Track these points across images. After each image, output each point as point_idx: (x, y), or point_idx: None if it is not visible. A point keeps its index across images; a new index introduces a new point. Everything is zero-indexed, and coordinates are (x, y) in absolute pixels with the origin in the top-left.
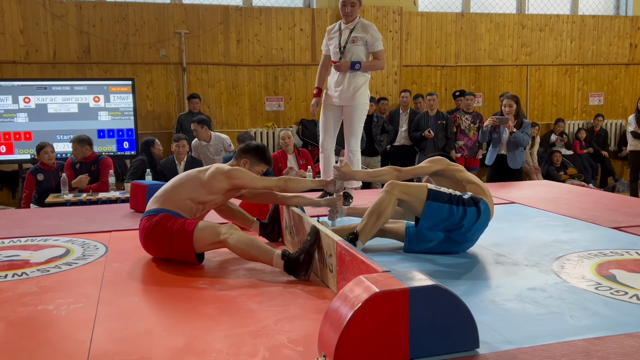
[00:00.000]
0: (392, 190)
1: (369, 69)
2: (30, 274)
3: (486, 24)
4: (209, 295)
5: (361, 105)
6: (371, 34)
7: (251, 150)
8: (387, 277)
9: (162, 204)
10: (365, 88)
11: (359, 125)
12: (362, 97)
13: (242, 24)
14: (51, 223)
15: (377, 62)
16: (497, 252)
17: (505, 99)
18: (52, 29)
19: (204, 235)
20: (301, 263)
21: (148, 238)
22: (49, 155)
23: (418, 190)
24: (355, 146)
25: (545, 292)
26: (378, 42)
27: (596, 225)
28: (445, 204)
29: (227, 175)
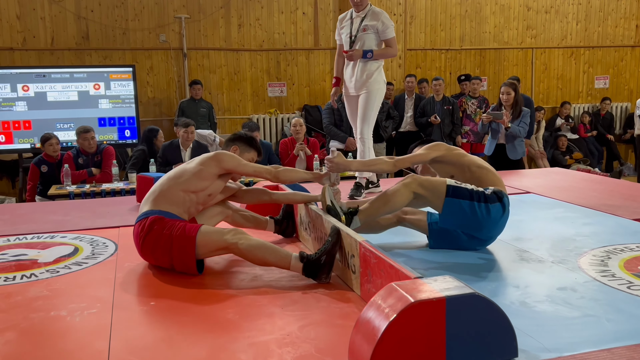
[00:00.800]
0: (411, 184)
1: (381, 57)
2: (40, 276)
3: (491, 6)
4: (227, 298)
5: (374, 92)
6: (382, 22)
7: (240, 137)
8: (421, 284)
9: (154, 204)
10: (379, 73)
11: (371, 112)
12: (376, 83)
13: (243, 8)
14: (57, 218)
15: (389, 50)
16: (520, 247)
17: (503, 86)
18: (49, 14)
19: (209, 240)
20: (323, 265)
21: (143, 245)
22: (54, 148)
23: (437, 186)
24: (367, 133)
25: (577, 292)
26: (389, 29)
27: (616, 216)
28: (465, 200)
29: (215, 158)
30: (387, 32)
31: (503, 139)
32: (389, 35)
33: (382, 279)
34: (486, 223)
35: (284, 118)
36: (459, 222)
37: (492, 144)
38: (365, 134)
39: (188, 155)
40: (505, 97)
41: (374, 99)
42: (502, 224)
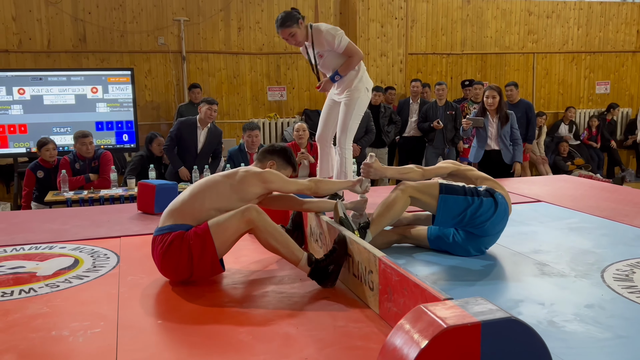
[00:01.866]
0: (406, 190)
1: (348, 70)
2: (39, 290)
3: (492, 10)
4: (238, 316)
5: (354, 100)
6: (326, 40)
7: (278, 152)
8: (452, 307)
9: (179, 218)
10: (360, 80)
11: (349, 121)
12: (357, 92)
13: (243, 11)
14: (55, 227)
15: (351, 59)
16: (540, 260)
17: (487, 89)
18: (45, 16)
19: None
20: (330, 274)
21: (163, 261)
22: (51, 153)
23: (430, 187)
24: (345, 143)
25: (605, 310)
26: (337, 41)
27: (634, 227)
28: (459, 195)
29: (261, 178)
30: (338, 45)
31: (495, 145)
32: (342, 45)
33: (405, 299)
34: (478, 217)
35: (283, 122)
36: (453, 217)
37: (479, 151)
38: (342, 143)
39: (203, 135)
40: (490, 100)
41: (353, 108)
42: (497, 219)
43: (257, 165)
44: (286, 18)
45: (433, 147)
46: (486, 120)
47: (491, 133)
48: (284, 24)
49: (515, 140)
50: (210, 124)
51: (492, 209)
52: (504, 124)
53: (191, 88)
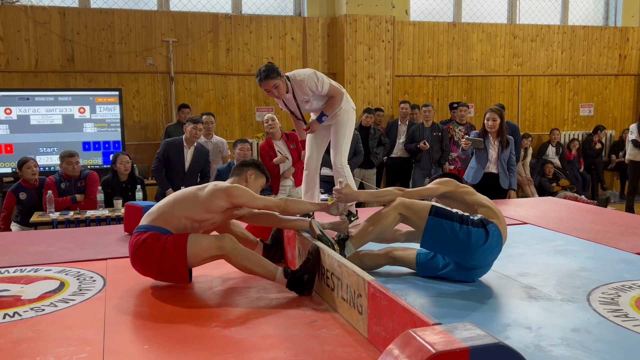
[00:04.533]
0: (398, 206)
1: (333, 109)
2: (24, 314)
3: (478, 33)
4: (225, 340)
5: (344, 121)
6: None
7: (252, 164)
8: (440, 332)
9: (155, 221)
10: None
11: (342, 141)
12: (345, 113)
13: (232, 33)
14: (40, 249)
15: (334, 99)
16: (527, 283)
17: (488, 112)
18: (34, 36)
19: (199, 247)
20: (305, 282)
21: (135, 255)
22: (32, 170)
23: (422, 207)
24: (341, 162)
25: (591, 334)
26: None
27: (618, 250)
28: (447, 220)
29: (227, 192)
30: (320, 89)
31: (494, 168)
32: (324, 89)
33: (394, 323)
34: (466, 247)
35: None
36: (438, 242)
37: (478, 172)
38: (338, 163)
39: (190, 154)
40: (490, 123)
41: (345, 128)
42: (487, 251)
43: (234, 180)
44: (269, 70)
45: (420, 168)
46: (487, 141)
47: (492, 156)
48: (267, 76)
49: (511, 166)
50: (196, 143)
51: (481, 239)
52: (504, 148)
53: (180, 108)
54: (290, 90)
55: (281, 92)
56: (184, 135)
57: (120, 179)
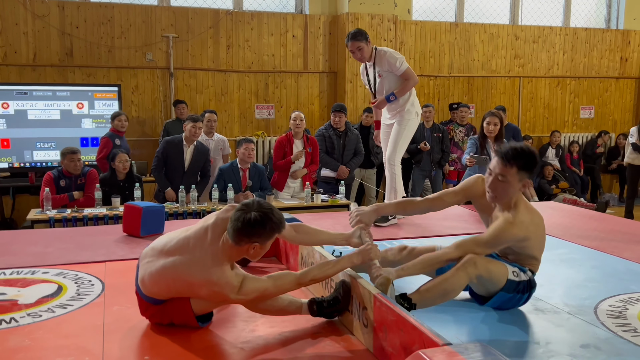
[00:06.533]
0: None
1: (404, 93)
2: (20, 320)
3: (480, 34)
4: (227, 353)
5: (405, 122)
6: (388, 62)
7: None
8: (451, 353)
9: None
10: (412, 105)
11: (400, 140)
12: (407, 114)
13: (232, 29)
14: (38, 250)
15: (408, 83)
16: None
17: (488, 116)
18: (32, 29)
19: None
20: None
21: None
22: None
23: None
24: (394, 159)
25: (601, 350)
26: (399, 64)
27: (623, 259)
28: (514, 293)
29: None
30: (399, 69)
31: None
32: (402, 69)
33: (401, 340)
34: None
35: (271, 140)
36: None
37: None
38: (392, 160)
39: (190, 153)
40: (491, 127)
41: (404, 129)
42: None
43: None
44: (358, 33)
45: (420, 169)
46: (488, 146)
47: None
48: (355, 37)
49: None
50: (196, 142)
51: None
52: None
53: (176, 104)
54: (372, 59)
55: (364, 56)
56: (184, 134)
57: (119, 178)
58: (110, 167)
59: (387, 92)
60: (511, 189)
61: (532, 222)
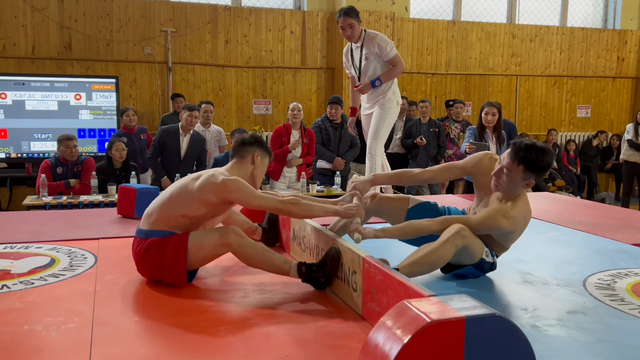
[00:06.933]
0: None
1: (389, 79)
2: (12, 287)
3: (477, 32)
4: (217, 315)
5: (385, 110)
6: (378, 44)
7: (257, 142)
8: (436, 303)
9: (154, 224)
10: (393, 93)
11: (381, 129)
12: (388, 102)
13: (230, 24)
14: (32, 228)
15: (394, 69)
16: (523, 269)
17: (487, 106)
18: (31, 22)
19: (203, 248)
20: (322, 284)
21: (140, 264)
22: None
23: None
24: (375, 149)
25: (588, 316)
26: (388, 49)
27: (615, 241)
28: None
29: (222, 188)
30: (388, 53)
31: None
32: (391, 54)
33: (389, 298)
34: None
35: (268, 135)
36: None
37: None
38: (373, 150)
39: (186, 142)
40: (490, 117)
41: (384, 117)
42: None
43: (237, 162)
44: (351, 10)
45: (416, 164)
46: (486, 136)
47: (492, 150)
48: (347, 13)
49: None
50: (192, 130)
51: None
52: (502, 144)
53: (174, 97)
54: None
55: (354, 34)
56: (180, 123)
57: (115, 166)
58: (107, 155)
59: (371, 77)
60: (513, 185)
61: (523, 218)
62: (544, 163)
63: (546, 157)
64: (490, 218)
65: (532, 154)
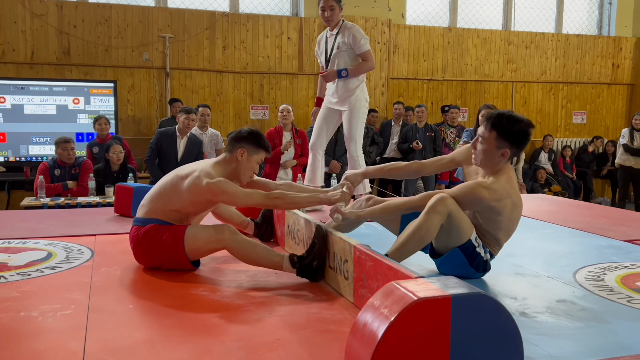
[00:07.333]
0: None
1: (357, 73)
2: (9, 278)
3: (473, 39)
4: (211, 303)
5: (357, 109)
6: (353, 36)
7: (247, 137)
8: (423, 283)
9: (150, 213)
10: (361, 90)
11: (356, 130)
12: (358, 101)
13: (228, 30)
14: (29, 225)
15: (365, 64)
16: (514, 262)
17: (484, 108)
18: (30, 28)
19: (198, 241)
20: (316, 269)
21: (137, 248)
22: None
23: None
24: (356, 151)
25: (576, 304)
26: (362, 43)
27: (607, 237)
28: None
29: (208, 190)
30: (360, 46)
31: None
32: (363, 48)
33: (379, 283)
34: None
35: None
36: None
37: None
38: (355, 153)
39: (183, 144)
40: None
41: (357, 117)
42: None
43: (225, 158)
44: None
45: None
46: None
47: None
48: None
49: None
50: (189, 133)
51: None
52: None
53: (172, 102)
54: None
55: (332, 18)
56: (177, 126)
57: (112, 169)
58: (105, 158)
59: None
60: (489, 155)
61: (507, 196)
62: (514, 129)
63: (517, 124)
64: (469, 187)
65: (503, 120)
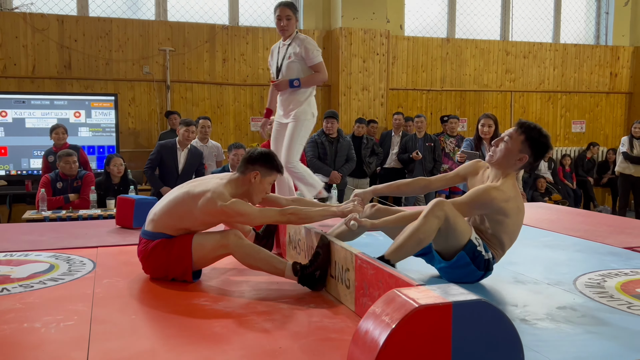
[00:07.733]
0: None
1: (309, 84)
2: (12, 290)
3: (471, 49)
4: (213, 313)
5: (300, 122)
6: (305, 47)
7: (260, 159)
8: (424, 290)
9: (159, 228)
10: (308, 104)
11: (296, 142)
12: (303, 114)
13: (228, 43)
14: (31, 238)
15: (316, 76)
16: (515, 270)
17: (483, 118)
18: (32, 42)
19: (204, 248)
20: (318, 279)
21: (145, 264)
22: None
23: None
24: (292, 160)
25: (577, 311)
26: (314, 54)
27: (607, 245)
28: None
29: (221, 212)
30: (312, 58)
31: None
32: (315, 60)
33: (380, 291)
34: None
35: None
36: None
37: None
38: (289, 163)
39: (183, 156)
40: (486, 129)
41: (299, 130)
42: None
43: (237, 178)
44: (292, 4)
45: None
46: (483, 148)
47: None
48: (288, 4)
49: None
50: (190, 145)
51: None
52: None
53: (168, 115)
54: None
55: (288, 28)
56: (177, 138)
57: (113, 181)
58: (105, 170)
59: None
60: (509, 155)
61: (514, 199)
62: (542, 140)
63: (545, 138)
64: (480, 190)
65: (536, 129)
